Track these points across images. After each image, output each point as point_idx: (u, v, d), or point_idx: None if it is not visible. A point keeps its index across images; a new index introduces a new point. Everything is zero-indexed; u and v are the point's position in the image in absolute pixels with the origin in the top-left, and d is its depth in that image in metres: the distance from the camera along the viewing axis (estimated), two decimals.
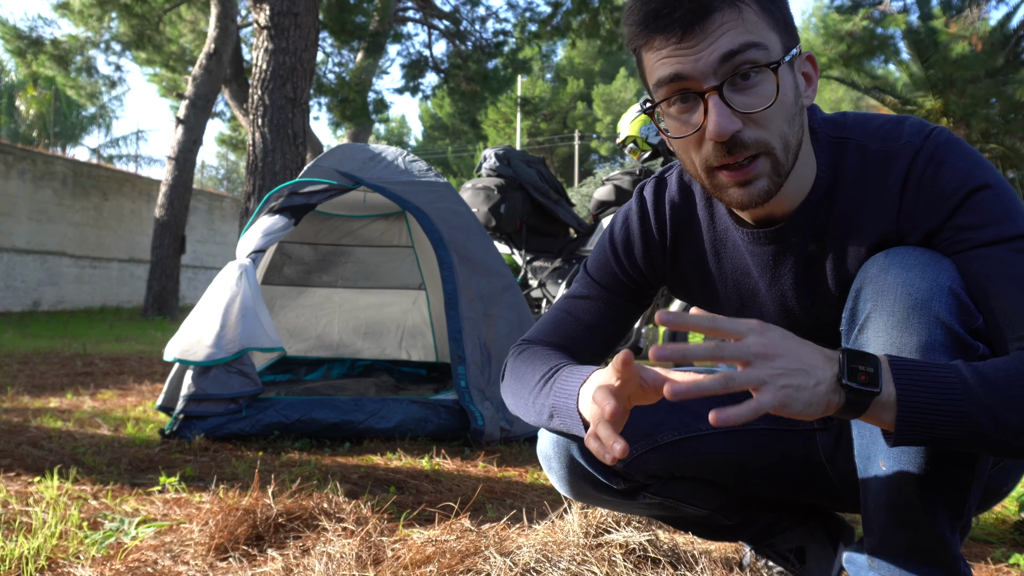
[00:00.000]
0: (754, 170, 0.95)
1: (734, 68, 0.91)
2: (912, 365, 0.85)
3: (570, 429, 1.04)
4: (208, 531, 1.55)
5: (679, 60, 0.92)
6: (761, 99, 0.92)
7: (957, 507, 0.95)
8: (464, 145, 31.40)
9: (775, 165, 0.95)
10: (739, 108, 0.92)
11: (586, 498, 1.27)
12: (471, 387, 2.81)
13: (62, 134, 21.83)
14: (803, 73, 0.99)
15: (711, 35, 0.90)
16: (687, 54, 0.91)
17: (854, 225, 1.01)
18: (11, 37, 12.05)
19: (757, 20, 0.92)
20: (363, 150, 3.37)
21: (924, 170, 0.96)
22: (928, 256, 0.94)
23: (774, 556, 1.37)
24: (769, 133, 0.94)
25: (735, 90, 0.92)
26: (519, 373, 1.15)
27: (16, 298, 11.49)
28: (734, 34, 0.91)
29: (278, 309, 4.09)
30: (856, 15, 12.38)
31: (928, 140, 0.98)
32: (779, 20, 0.95)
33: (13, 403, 3.44)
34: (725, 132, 0.91)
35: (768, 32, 0.93)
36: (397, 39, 14.30)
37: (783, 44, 0.95)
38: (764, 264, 1.09)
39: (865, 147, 1.01)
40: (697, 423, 1.22)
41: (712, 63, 0.91)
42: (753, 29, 0.92)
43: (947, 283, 0.91)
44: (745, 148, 0.93)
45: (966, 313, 0.91)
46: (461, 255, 3.04)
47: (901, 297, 0.92)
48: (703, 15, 0.90)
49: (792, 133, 0.96)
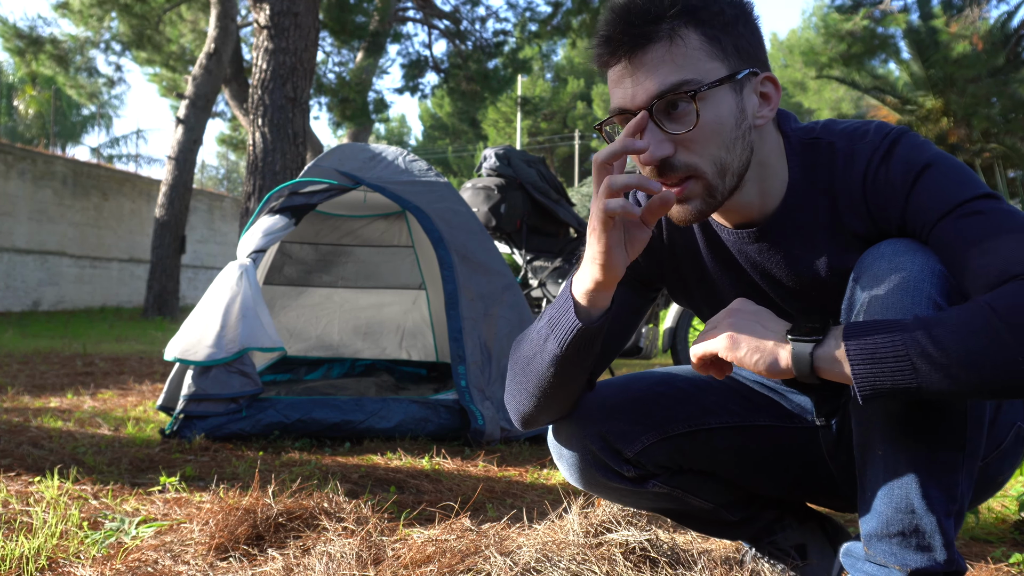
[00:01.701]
0: (685, 190, 1.00)
1: (664, 103, 0.98)
2: (863, 321, 0.92)
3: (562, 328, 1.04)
4: (208, 531, 1.55)
5: (622, 90, 1.00)
6: (686, 121, 0.98)
7: (951, 490, 0.97)
8: (464, 145, 31.40)
9: (707, 188, 1.01)
10: (670, 132, 0.98)
11: (595, 487, 1.28)
12: (471, 387, 2.81)
13: (62, 133, 21.83)
14: (761, 93, 1.03)
15: (646, 68, 0.98)
16: (626, 86, 0.99)
17: (834, 218, 1.06)
18: (11, 36, 12.05)
19: (697, 50, 0.97)
20: (363, 150, 3.37)
21: (878, 167, 1.02)
22: (913, 244, 0.99)
23: (776, 553, 1.38)
24: (700, 158, 0.99)
25: (666, 116, 0.99)
26: (514, 352, 1.17)
27: (16, 298, 11.49)
28: (666, 71, 0.97)
29: (278, 309, 4.09)
30: (857, 14, 12.39)
31: (885, 138, 1.03)
32: (727, 47, 0.99)
33: (13, 403, 3.44)
34: (653, 158, 0.98)
35: (708, 62, 0.98)
36: (397, 39, 14.30)
37: (728, 70, 0.99)
38: (754, 262, 1.13)
39: (833, 145, 1.06)
40: (707, 417, 1.26)
41: (644, 98, 0.98)
42: (688, 62, 0.97)
43: (937, 265, 0.96)
44: (674, 171, 0.99)
45: (956, 292, 0.95)
46: (461, 255, 3.04)
47: (894, 280, 0.96)
48: (642, 46, 0.97)
49: (732, 157, 1.01)
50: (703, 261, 1.19)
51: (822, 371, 0.92)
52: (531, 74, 24.68)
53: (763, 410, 1.29)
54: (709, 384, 1.30)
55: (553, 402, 1.14)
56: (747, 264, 1.14)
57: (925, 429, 0.96)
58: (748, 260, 1.13)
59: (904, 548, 0.99)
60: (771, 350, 0.95)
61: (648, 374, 1.29)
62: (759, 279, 1.14)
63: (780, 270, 1.12)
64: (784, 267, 1.11)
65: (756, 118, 1.02)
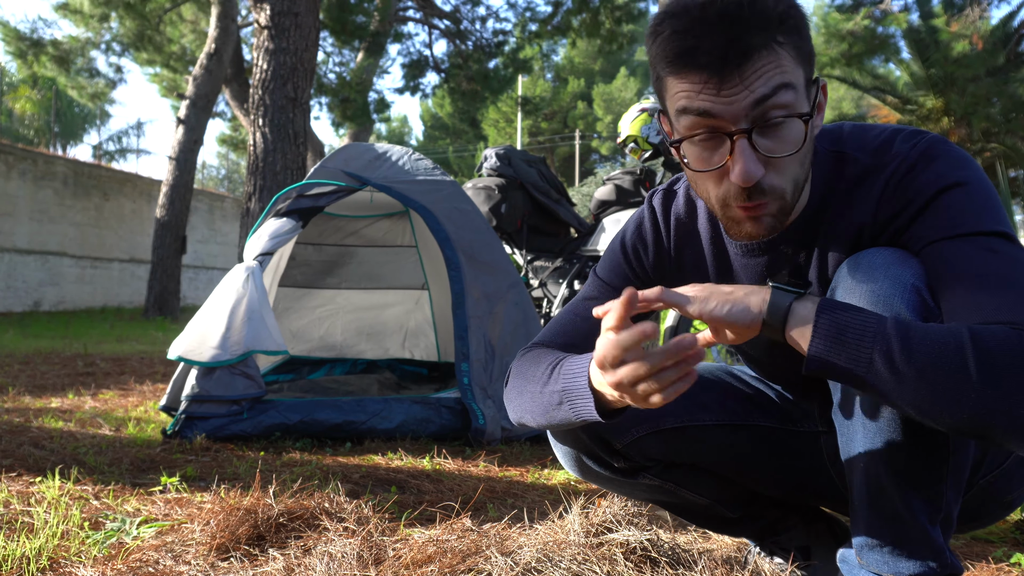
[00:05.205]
0: (764, 209, 0.97)
1: (764, 113, 0.91)
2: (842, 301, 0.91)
3: (578, 410, 1.00)
4: (209, 531, 1.55)
5: (711, 99, 0.91)
6: (786, 145, 0.93)
7: (934, 499, 0.97)
8: (465, 145, 31.38)
9: (782, 207, 0.98)
10: (764, 152, 0.93)
11: (590, 477, 1.30)
12: (474, 384, 2.81)
13: (62, 133, 21.83)
14: (817, 103, 0.99)
15: (747, 78, 0.90)
16: (720, 95, 0.91)
17: (841, 232, 1.04)
18: (12, 39, 12.06)
19: (791, 58, 0.92)
20: (369, 149, 3.37)
21: (904, 175, 0.98)
22: (896, 255, 0.96)
23: (779, 552, 1.38)
24: (785, 179, 0.96)
25: (762, 134, 0.93)
26: (524, 370, 1.15)
27: (17, 298, 11.50)
28: (768, 77, 0.90)
29: (282, 311, 4.08)
30: (857, 14, 12.38)
31: (914, 148, 0.99)
32: (806, 53, 0.95)
33: (14, 403, 3.44)
34: (751, 179, 0.93)
35: (797, 69, 0.93)
36: (397, 39, 14.29)
37: (806, 77, 0.95)
38: (755, 275, 1.12)
39: (859, 160, 1.03)
40: (701, 413, 1.25)
41: (745, 107, 0.91)
42: (787, 69, 0.91)
43: (910, 280, 0.93)
44: (763, 195, 0.96)
45: (927, 310, 0.92)
46: (468, 254, 3.04)
47: (865, 294, 0.94)
48: (742, 59, 0.89)
49: (804, 172, 0.98)
50: (709, 273, 1.18)
51: (789, 325, 0.90)
52: (531, 74, 24.67)
53: (765, 411, 1.28)
54: (709, 381, 1.29)
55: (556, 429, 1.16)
56: (748, 278, 1.13)
57: (907, 439, 0.95)
58: (749, 273, 1.12)
59: (896, 557, 0.98)
60: (742, 298, 0.93)
61: None
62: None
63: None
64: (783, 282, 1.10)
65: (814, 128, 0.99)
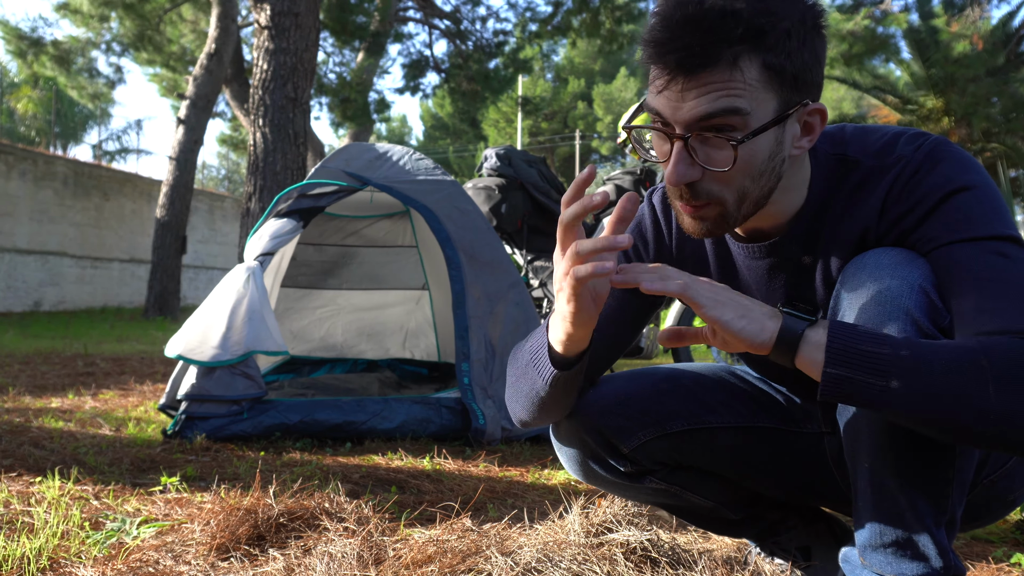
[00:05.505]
0: (704, 211, 0.98)
1: (702, 129, 0.92)
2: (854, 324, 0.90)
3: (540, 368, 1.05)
4: (210, 531, 1.55)
5: (664, 98, 0.94)
6: (718, 163, 0.94)
7: (939, 501, 0.96)
8: (465, 145, 31.38)
9: (723, 214, 0.98)
10: (701, 161, 0.94)
11: (594, 480, 1.29)
12: (474, 384, 2.81)
13: (63, 133, 21.84)
14: (805, 123, 0.98)
15: (698, 89, 0.91)
16: (671, 98, 0.93)
17: (843, 235, 1.04)
18: (13, 39, 12.07)
19: (755, 80, 0.91)
20: (370, 149, 3.37)
21: (910, 178, 0.98)
22: (903, 255, 0.96)
23: (779, 553, 1.38)
24: (727, 189, 0.96)
25: (702, 142, 0.94)
26: (512, 362, 1.17)
27: (17, 298, 11.50)
28: (716, 96, 0.90)
29: (283, 312, 4.08)
30: (857, 14, 12.39)
31: (918, 151, 0.99)
32: (786, 77, 0.92)
33: (15, 403, 3.44)
34: (679, 182, 0.95)
35: (762, 93, 0.91)
36: (398, 39, 14.31)
37: (780, 103, 0.93)
38: (759, 277, 1.12)
39: (860, 163, 1.03)
40: (708, 416, 1.24)
41: (688, 118, 0.92)
42: (743, 92, 0.90)
43: (918, 281, 0.93)
44: (698, 197, 0.97)
45: (935, 310, 0.92)
46: (469, 254, 3.04)
47: (873, 294, 0.94)
48: (698, 68, 0.90)
49: (755, 187, 0.97)
50: (710, 272, 1.18)
51: (801, 353, 0.90)
52: (532, 74, 24.68)
53: (769, 412, 1.28)
54: (714, 382, 1.29)
55: (547, 414, 1.15)
56: (753, 279, 1.13)
57: (912, 440, 0.95)
58: (754, 275, 1.12)
59: (899, 558, 0.98)
60: (758, 318, 0.91)
61: (653, 370, 1.28)
62: (764, 295, 1.13)
63: (785, 288, 1.11)
64: (789, 285, 1.10)
65: (793, 148, 0.97)
